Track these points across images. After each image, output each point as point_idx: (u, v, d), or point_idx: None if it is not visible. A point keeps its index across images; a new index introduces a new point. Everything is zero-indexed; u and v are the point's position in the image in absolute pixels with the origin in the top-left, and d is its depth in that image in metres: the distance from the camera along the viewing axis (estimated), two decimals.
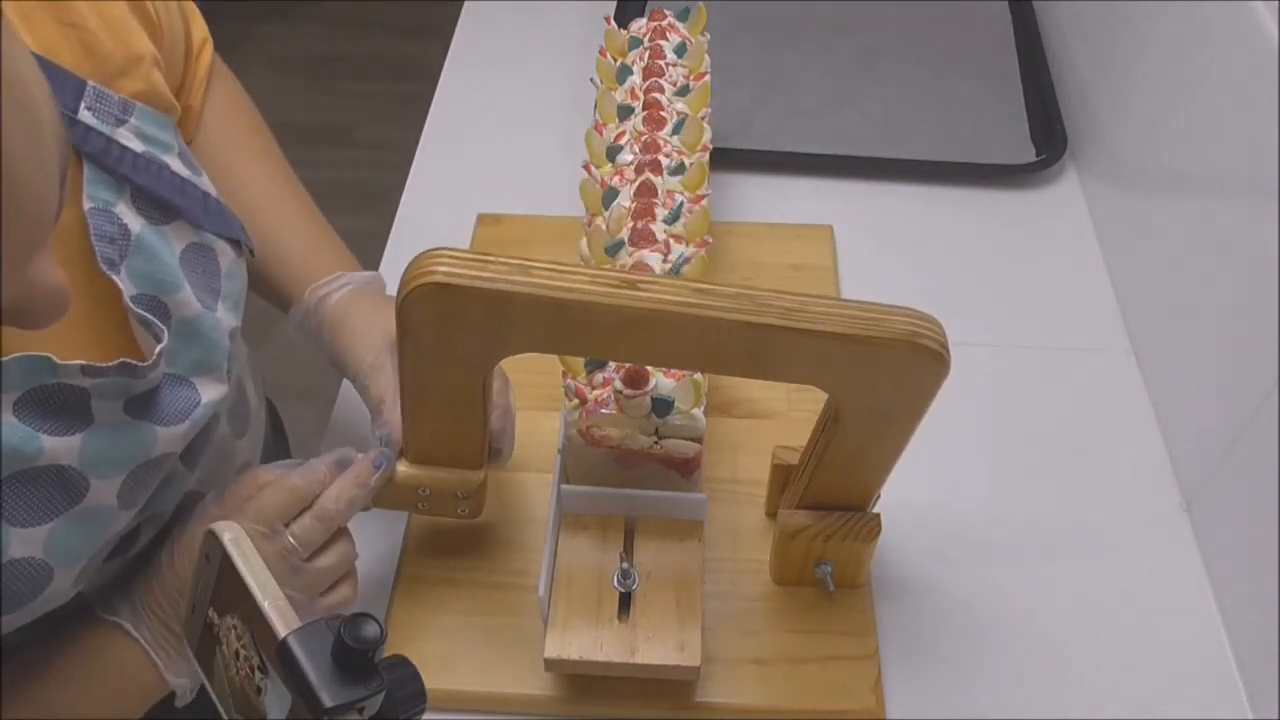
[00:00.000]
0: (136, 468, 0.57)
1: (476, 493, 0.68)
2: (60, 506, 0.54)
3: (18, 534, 0.52)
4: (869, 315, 0.56)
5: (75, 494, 0.54)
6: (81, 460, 0.54)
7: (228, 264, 0.63)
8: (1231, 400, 0.72)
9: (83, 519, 0.55)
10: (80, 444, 0.54)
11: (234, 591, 0.47)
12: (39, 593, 0.54)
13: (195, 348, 0.60)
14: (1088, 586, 0.75)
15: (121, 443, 0.56)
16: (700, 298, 0.55)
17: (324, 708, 0.42)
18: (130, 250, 0.57)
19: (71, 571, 0.56)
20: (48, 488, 0.53)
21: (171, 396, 0.59)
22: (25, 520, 0.53)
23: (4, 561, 0.52)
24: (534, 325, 0.56)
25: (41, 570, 0.54)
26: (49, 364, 0.52)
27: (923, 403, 0.59)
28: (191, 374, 0.60)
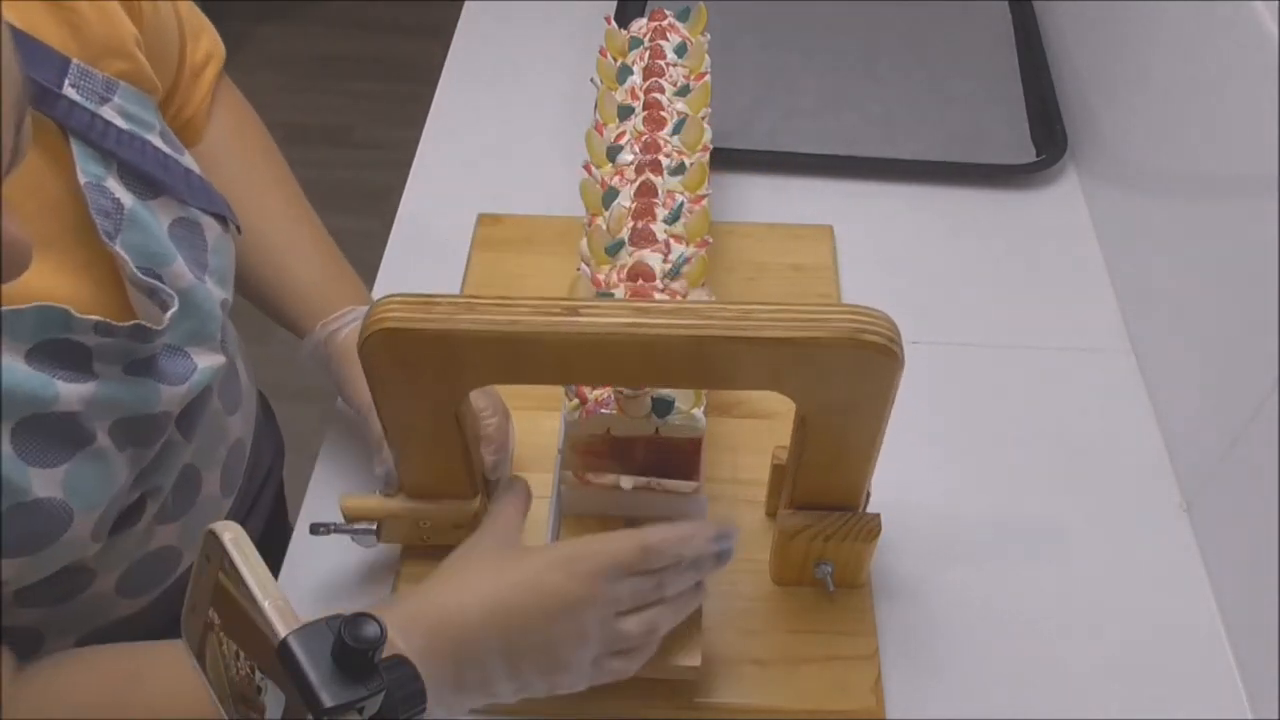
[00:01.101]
0: (138, 418, 0.59)
1: (473, 521, 0.69)
2: (71, 449, 0.56)
3: (37, 474, 0.54)
4: (812, 316, 0.56)
5: (84, 439, 0.56)
6: (91, 408, 0.56)
7: (214, 238, 0.65)
8: (1231, 400, 0.72)
9: (93, 461, 0.57)
10: (92, 392, 0.56)
11: (234, 591, 0.47)
12: (60, 535, 0.56)
13: (190, 319, 0.62)
14: (1088, 586, 0.75)
15: (126, 395, 0.58)
16: (641, 317, 0.56)
17: (324, 708, 0.42)
18: (124, 224, 0.59)
19: (89, 517, 0.57)
20: (60, 433, 0.55)
21: (169, 364, 0.61)
22: (43, 461, 0.55)
23: (29, 500, 0.54)
24: (485, 360, 0.58)
25: (63, 511, 0.56)
26: (65, 316, 0.54)
27: (883, 397, 0.59)
28: (186, 344, 0.62)
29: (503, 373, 0.59)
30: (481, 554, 0.60)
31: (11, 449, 0.53)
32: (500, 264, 0.93)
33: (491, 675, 0.57)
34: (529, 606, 0.57)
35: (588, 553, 0.58)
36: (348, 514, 0.70)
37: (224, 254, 0.66)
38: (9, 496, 0.53)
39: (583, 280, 0.73)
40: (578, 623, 0.57)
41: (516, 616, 0.57)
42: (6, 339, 0.53)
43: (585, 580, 0.57)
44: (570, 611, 0.57)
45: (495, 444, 0.71)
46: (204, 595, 0.50)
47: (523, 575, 0.58)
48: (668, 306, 0.57)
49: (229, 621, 0.48)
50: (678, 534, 0.60)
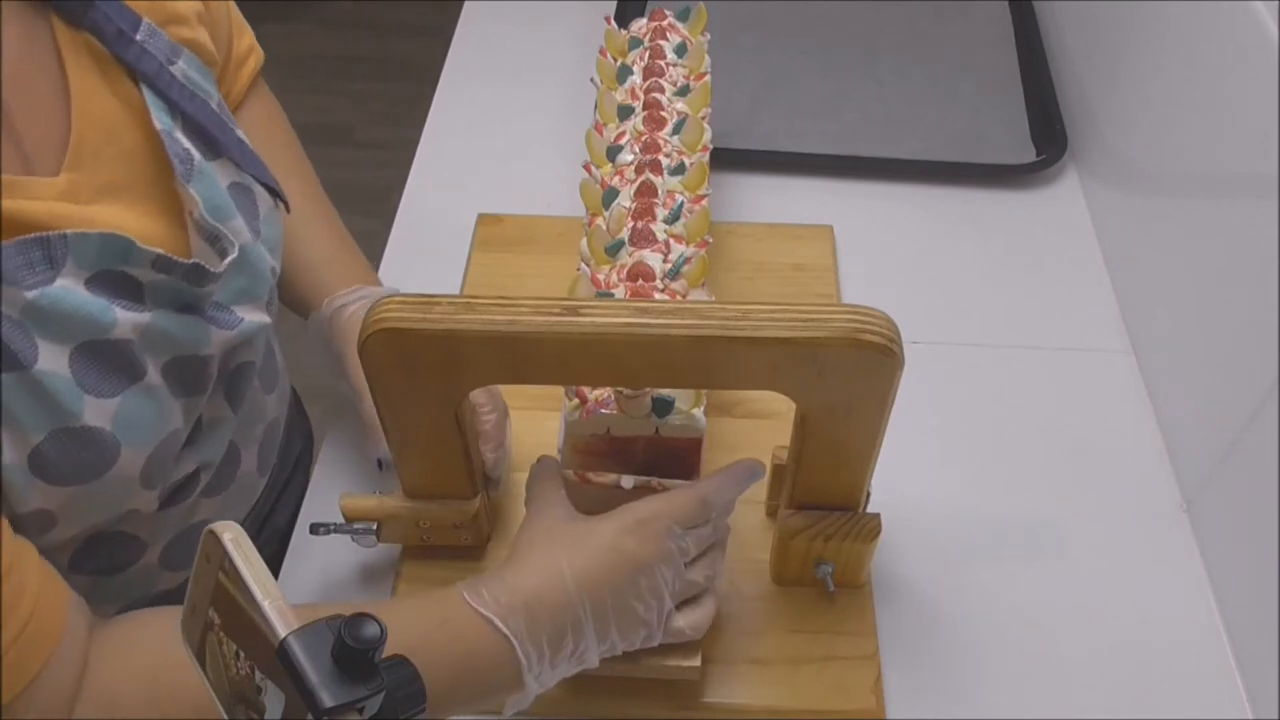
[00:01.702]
0: (184, 356, 0.61)
1: (473, 522, 0.69)
2: (125, 382, 0.57)
3: (90, 402, 0.56)
4: (811, 316, 0.56)
5: (136, 372, 0.58)
6: (144, 339, 0.58)
7: (265, 209, 0.68)
8: (1231, 400, 0.72)
9: (144, 397, 0.58)
10: (147, 322, 0.58)
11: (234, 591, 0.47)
12: (107, 468, 0.57)
13: (243, 275, 0.64)
14: (1088, 586, 0.75)
15: (179, 330, 0.60)
16: (640, 316, 0.56)
17: (324, 708, 0.42)
18: (194, 174, 0.62)
19: (137, 455, 0.58)
20: (114, 362, 0.57)
21: (216, 314, 0.63)
22: (97, 389, 0.56)
23: (78, 426, 0.55)
24: (485, 360, 0.58)
25: (110, 444, 0.57)
26: (128, 245, 0.56)
27: (882, 397, 0.59)
28: (234, 302, 0.64)
29: (503, 373, 0.59)
30: (553, 529, 0.62)
31: (69, 372, 0.55)
32: (500, 264, 0.93)
33: (584, 642, 0.59)
34: (612, 572, 0.59)
35: (656, 513, 0.61)
36: (347, 514, 0.70)
37: (275, 225, 0.68)
38: (60, 419, 0.55)
39: (583, 280, 0.73)
40: (655, 579, 0.60)
41: (603, 583, 0.59)
42: (71, 265, 0.55)
43: (658, 539, 0.60)
44: (649, 571, 0.60)
45: (494, 441, 0.72)
46: (204, 595, 0.50)
47: (601, 542, 0.60)
48: (668, 306, 0.57)
49: (229, 621, 0.48)
50: (725, 481, 0.64)
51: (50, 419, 0.54)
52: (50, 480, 0.55)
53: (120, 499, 0.60)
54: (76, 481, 0.56)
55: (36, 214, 0.54)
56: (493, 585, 0.59)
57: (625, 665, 0.65)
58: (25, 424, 0.54)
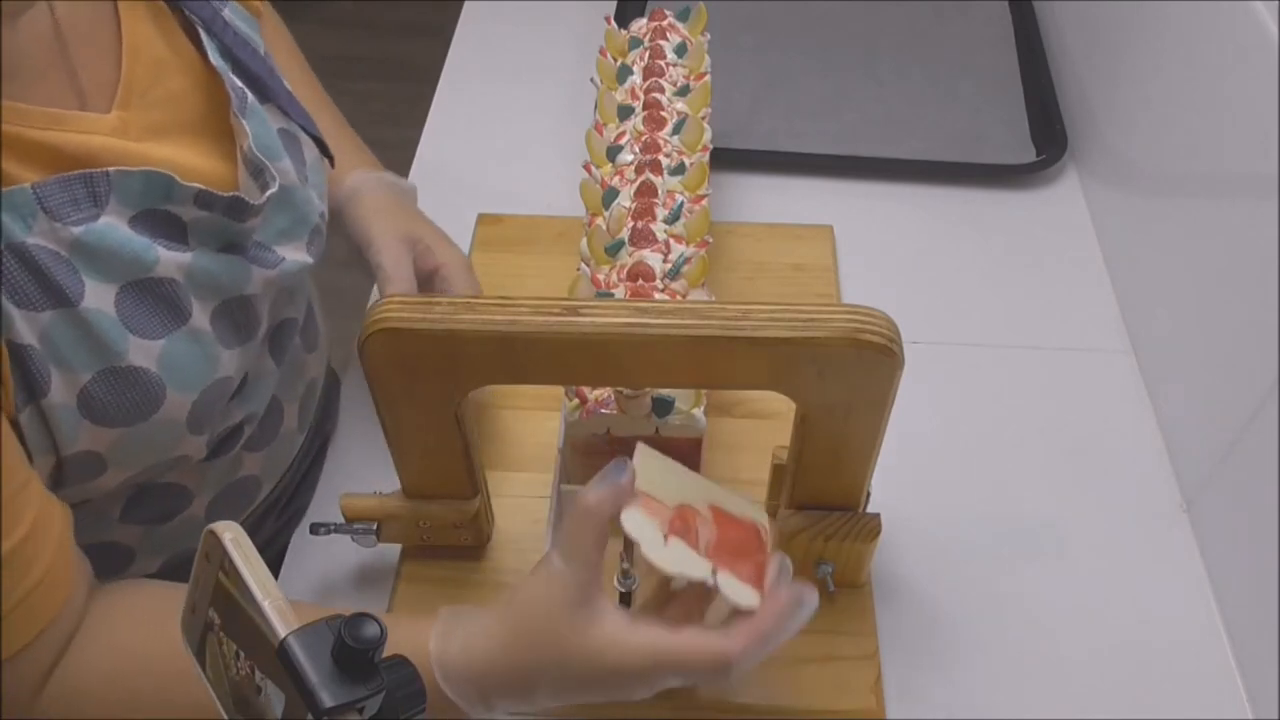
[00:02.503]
0: (229, 298, 0.62)
1: (473, 522, 0.69)
2: (170, 324, 0.58)
3: (135, 342, 0.57)
4: (811, 316, 0.56)
5: (182, 314, 0.59)
6: (188, 278, 0.59)
7: (311, 158, 0.70)
8: (1231, 400, 0.72)
9: (189, 341, 0.59)
10: (190, 261, 0.59)
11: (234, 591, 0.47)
12: (153, 411, 0.58)
13: (285, 216, 0.66)
14: (1088, 586, 0.75)
15: (221, 270, 0.61)
16: (640, 316, 0.56)
17: (324, 708, 0.42)
18: (249, 110, 0.63)
19: (184, 399, 0.59)
20: (159, 301, 0.58)
21: (258, 254, 0.64)
22: (141, 330, 0.57)
23: (123, 365, 0.56)
24: (485, 359, 0.58)
25: (156, 385, 0.58)
26: (169, 182, 0.57)
27: (883, 397, 0.59)
28: (276, 242, 0.65)
29: (503, 373, 0.59)
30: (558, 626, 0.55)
31: (114, 311, 0.56)
32: (500, 264, 0.93)
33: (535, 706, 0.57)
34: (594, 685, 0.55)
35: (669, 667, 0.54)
36: (347, 514, 0.70)
37: (319, 174, 0.70)
38: (106, 358, 0.56)
39: (583, 280, 0.73)
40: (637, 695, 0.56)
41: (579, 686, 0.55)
42: (115, 202, 0.56)
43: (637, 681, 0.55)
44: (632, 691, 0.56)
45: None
46: (204, 595, 0.50)
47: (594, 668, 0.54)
48: (668, 306, 0.57)
49: (229, 621, 0.48)
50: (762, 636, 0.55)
51: (97, 358, 0.55)
52: (98, 421, 0.56)
53: (169, 444, 0.61)
54: (123, 423, 0.57)
55: (90, 148, 0.56)
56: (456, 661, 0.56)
57: None
58: (74, 363, 0.55)
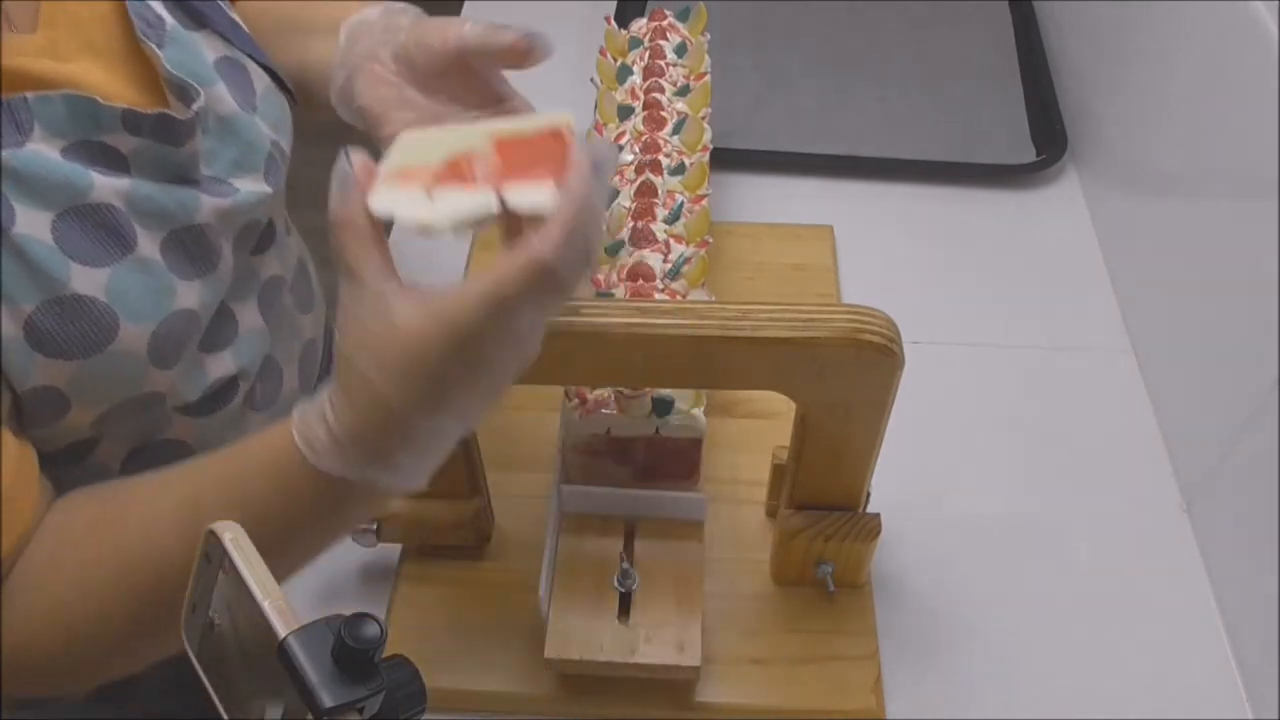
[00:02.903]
0: (179, 227, 0.60)
1: (473, 521, 0.69)
2: (115, 253, 0.57)
3: (78, 270, 0.55)
4: (811, 316, 0.56)
5: (126, 242, 0.58)
6: (128, 204, 0.57)
7: (263, 88, 0.68)
8: (1231, 400, 0.72)
9: (138, 271, 0.58)
10: (129, 187, 0.57)
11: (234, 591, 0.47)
12: (108, 342, 0.57)
13: (232, 146, 0.64)
14: (1088, 587, 0.75)
15: (165, 197, 0.59)
16: (641, 317, 0.56)
17: (324, 708, 0.42)
18: (166, 39, 0.62)
19: (140, 331, 0.58)
20: (100, 229, 0.57)
21: (210, 186, 0.62)
22: (84, 258, 0.56)
23: (67, 294, 0.55)
24: None
25: (106, 315, 0.57)
26: (92, 105, 0.56)
27: (883, 398, 0.59)
28: (231, 175, 0.64)
29: None
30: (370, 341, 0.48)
31: (51, 239, 0.55)
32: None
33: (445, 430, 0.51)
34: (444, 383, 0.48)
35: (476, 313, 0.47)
36: None
37: (275, 105, 0.68)
38: (48, 288, 0.55)
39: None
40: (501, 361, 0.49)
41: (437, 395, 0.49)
42: (40, 130, 0.55)
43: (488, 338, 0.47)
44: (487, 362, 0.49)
45: None
46: (204, 595, 0.50)
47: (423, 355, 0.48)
48: (668, 306, 0.57)
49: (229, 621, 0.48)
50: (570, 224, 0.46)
51: (38, 288, 0.54)
52: (50, 354, 0.55)
53: (133, 378, 0.60)
54: (78, 355, 0.56)
55: (18, 70, 0.54)
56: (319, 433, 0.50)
57: (624, 665, 0.65)
58: (15, 293, 0.54)
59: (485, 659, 0.70)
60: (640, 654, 0.65)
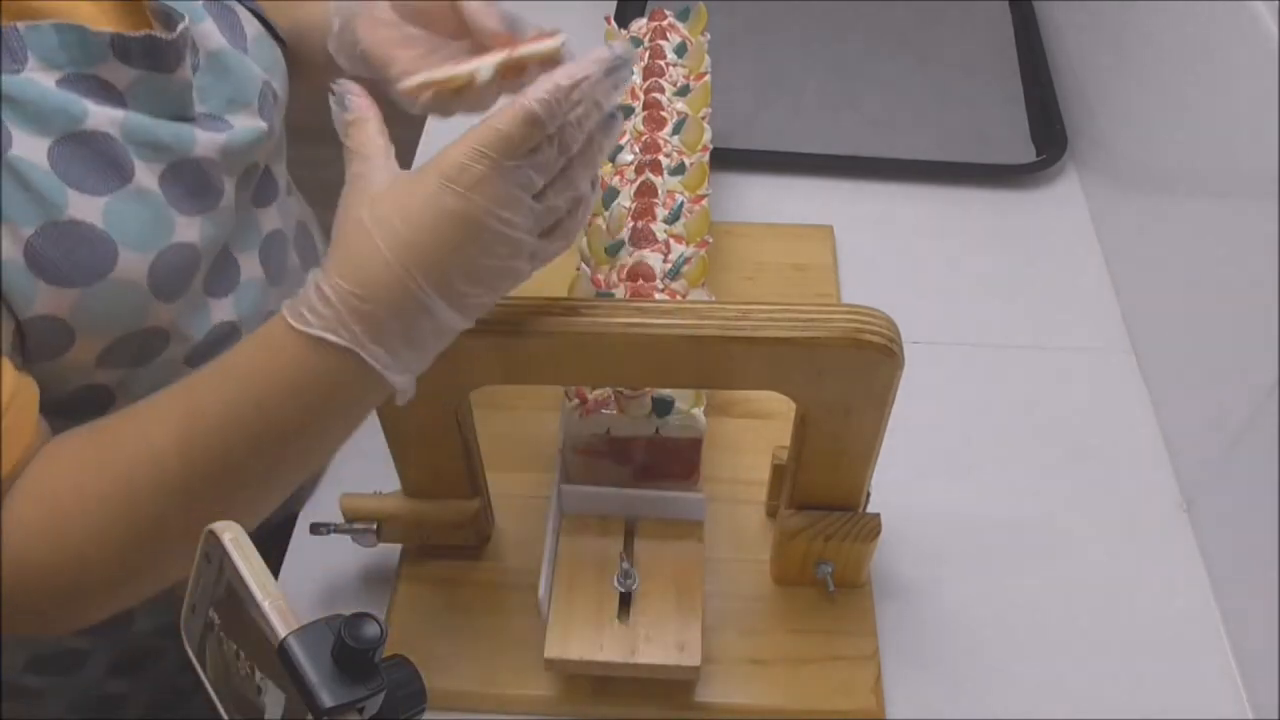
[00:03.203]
0: (176, 161, 0.61)
1: (473, 522, 0.69)
2: (112, 182, 0.58)
3: (75, 196, 0.57)
4: (811, 316, 0.56)
5: (124, 172, 0.59)
6: (124, 134, 0.59)
7: (254, 32, 0.68)
8: (1231, 400, 0.72)
9: (136, 201, 0.59)
10: (123, 118, 0.59)
11: (234, 591, 0.47)
12: (108, 269, 0.58)
13: (226, 83, 0.65)
14: (1088, 586, 0.75)
15: (162, 130, 0.60)
16: (640, 316, 0.56)
17: (324, 708, 0.42)
18: None
19: (140, 260, 0.59)
20: (97, 157, 0.58)
21: (206, 122, 0.64)
22: (80, 185, 0.57)
23: (64, 219, 0.56)
24: (485, 359, 0.58)
25: (105, 242, 0.58)
26: (82, 34, 0.57)
27: (883, 398, 0.59)
28: (225, 111, 0.65)
29: (503, 373, 0.59)
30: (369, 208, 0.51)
31: (48, 164, 0.56)
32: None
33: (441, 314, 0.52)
34: (442, 242, 0.50)
35: (469, 157, 0.49)
36: (347, 514, 0.70)
37: (267, 49, 0.69)
38: (46, 212, 0.56)
39: (583, 280, 0.73)
40: (498, 230, 0.51)
41: (434, 258, 0.50)
42: (35, 60, 0.56)
43: (483, 186, 0.50)
44: (485, 224, 0.50)
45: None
46: (204, 595, 0.50)
47: (419, 210, 0.50)
48: (668, 306, 0.57)
49: (229, 621, 0.48)
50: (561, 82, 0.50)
51: (36, 211, 0.55)
52: (51, 280, 0.56)
53: (135, 309, 0.61)
54: (79, 282, 0.57)
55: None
56: (313, 299, 0.51)
57: (624, 665, 0.65)
58: (14, 215, 0.55)
59: (485, 659, 0.70)
60: (640, 654, 0.65)
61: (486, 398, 0.82)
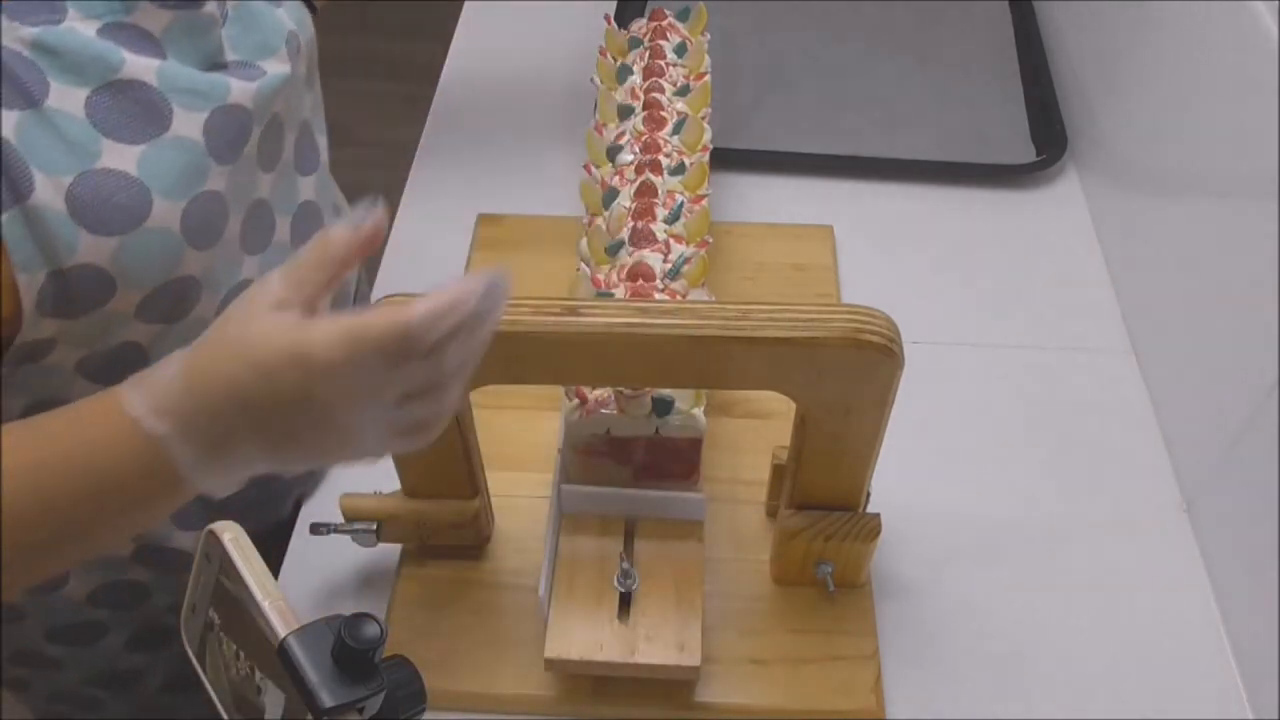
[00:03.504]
0: (215, 109, 0.62)
1: (473, 521, 0.69)
2: (150, 131, 0.60)
3: (110, 145, 0.58)
4: (811, 316, 0.56)
5: (161, 121, 0.60)
6: (161, 82, 0.60)
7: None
8: (1231, 400, 0.72)
9: (173, 148, 0.60)
10: (159, 66, 0.60)
11: (234, 591, 0.47)
12: (141, 219, 0.59)
13: (255, 32, 0.67)
14: (1088, 586, 0.75)
15: (198, 78, 0.62)
16: (641, 316, 0.56)
17: (324, 708, 0.42)
18: None
19: (171, 206, 0.60)
20: (135, 106, 0.59)
21: (238, 71, 0.65)
22: (117, 133, 0.58)
23: (97, 168, 0.57)
24: (485, 359, 0.57)
25: (139, 190, 0.59)
26: None
27: (882, 398, 0.59)
28: (255, 57, 0.66)
29: (503, 373, 0.59)
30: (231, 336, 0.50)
31: (84, 113, 0.57)
32: (500, 264, 0.92)
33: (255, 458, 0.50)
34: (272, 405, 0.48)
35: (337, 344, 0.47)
36: (347, 514, 0.70)
37: (294, 9, 0.71)
38: (82, 160, 0.57)
39: (583, 280, 0.73)
40: (339, 422, 0.49)
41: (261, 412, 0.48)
42: (74, 10, 0.57)
43: (330, 379, 0.47)
44: (325, 415, 0.48)
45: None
46: (204, 595, 0.50)
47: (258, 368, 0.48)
48: (668, 306, 0.57)
49: (229, 621, 0.48)
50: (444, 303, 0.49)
51: (73, 160, 0.57)
52: (93, 229, 0.57)
53: (171, 256, 0.62)
54: (118, 230, 0.58)
55: None
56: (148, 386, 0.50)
57: (624, 665, 0.65)
58: (52, 165, 0.56)
59: (485, 659, 0.70)
60: (640, 654, 0.65)
61: (486, 398, 0.82)
